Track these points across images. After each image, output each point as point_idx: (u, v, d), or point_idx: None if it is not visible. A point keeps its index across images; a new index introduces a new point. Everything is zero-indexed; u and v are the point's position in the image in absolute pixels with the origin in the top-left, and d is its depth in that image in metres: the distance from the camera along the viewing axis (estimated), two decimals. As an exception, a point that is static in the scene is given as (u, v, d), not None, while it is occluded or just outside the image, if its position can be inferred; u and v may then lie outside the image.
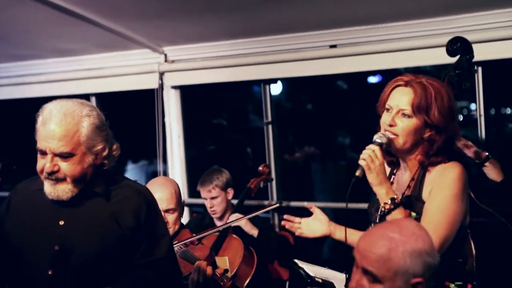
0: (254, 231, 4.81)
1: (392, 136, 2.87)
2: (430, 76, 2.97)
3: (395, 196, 2.82)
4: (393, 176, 3.06)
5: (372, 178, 2.83)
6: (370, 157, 2.82)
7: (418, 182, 2.91)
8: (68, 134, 2.71)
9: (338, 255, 6.60)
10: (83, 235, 2.80)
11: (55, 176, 2.75)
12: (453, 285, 2.83)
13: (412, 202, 2.88)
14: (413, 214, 2.84)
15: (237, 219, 4.43)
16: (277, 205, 4.40)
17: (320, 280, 3.54)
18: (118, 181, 2.97)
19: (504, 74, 5.83)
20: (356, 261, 2.25)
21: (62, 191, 2.77)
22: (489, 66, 4.60)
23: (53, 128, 2.70)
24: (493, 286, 4.07)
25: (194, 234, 4.09)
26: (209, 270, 3.34)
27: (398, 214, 2.77)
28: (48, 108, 2.76)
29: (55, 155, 2.72)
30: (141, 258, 2.89)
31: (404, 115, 2.86)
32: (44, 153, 2.74)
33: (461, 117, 3.46)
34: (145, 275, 2.89)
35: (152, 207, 2.97)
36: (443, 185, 2.80)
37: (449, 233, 2.76)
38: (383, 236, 2.21)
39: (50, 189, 2.77)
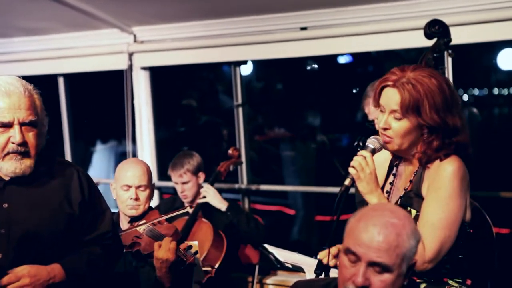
0: (222, 205, 4.81)
1: (387, 139, 2.77)
2: (419, 67, 2.80)
3: None
4: (395, 168, 2.94)
5: (362, 187, 2.74)
6: (360, 165, 2.72)
7: (418, 178, 2.80)
8: (32, 104, 2.74)
9: (306, 237, 6.64)
10: (32, 215, 2.76)
11: (24, 149, 2.71)
12: (451, 281, 2.77)
13: (412, 198, 2.79)
14: (413, 211, 2.75)
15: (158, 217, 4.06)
16: (187, 209, 4.32)
17: (290, 266, 3.54)
18: (52, 158, 2.93)
19: (470, 57, 5.87)
20: (358, 255, 2.15)
21: (27, 167, 2.74)
22: (457, 49, 4.61)
23: (20, 98, 2.69)
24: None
25: (162, 215, 4.07)
26: (172, 244, 3.34)
27: None
28: (2, 80, 2.71)
29: (23, 125, 2.69)
30: (87, 234, 2.91)
31: (395, 117, 2.74)
32: (7, 125, 2.68)
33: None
34: (93, 251, 2.90)
35: (91, 182, 3.01)
36: (437, 185, 2.69)
37: (448, 234, 2.66)
38: (386, 224, 2.15)
39: (15, 165, 2.71)
